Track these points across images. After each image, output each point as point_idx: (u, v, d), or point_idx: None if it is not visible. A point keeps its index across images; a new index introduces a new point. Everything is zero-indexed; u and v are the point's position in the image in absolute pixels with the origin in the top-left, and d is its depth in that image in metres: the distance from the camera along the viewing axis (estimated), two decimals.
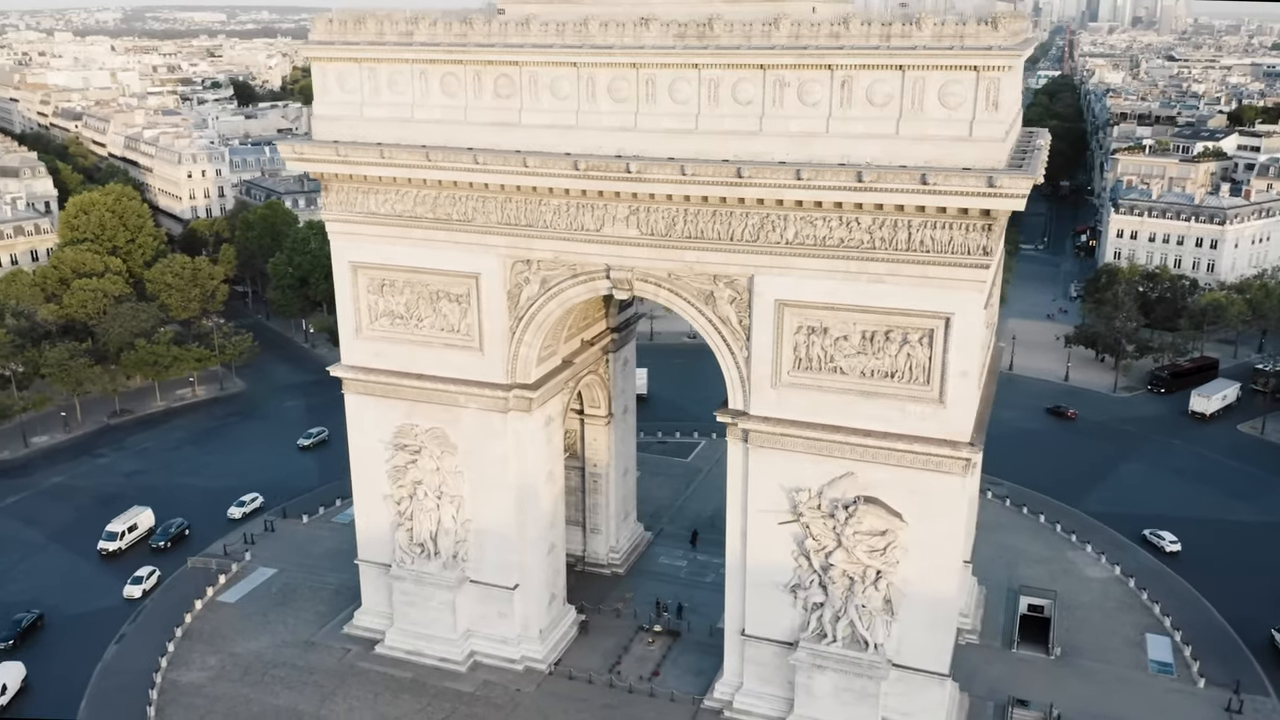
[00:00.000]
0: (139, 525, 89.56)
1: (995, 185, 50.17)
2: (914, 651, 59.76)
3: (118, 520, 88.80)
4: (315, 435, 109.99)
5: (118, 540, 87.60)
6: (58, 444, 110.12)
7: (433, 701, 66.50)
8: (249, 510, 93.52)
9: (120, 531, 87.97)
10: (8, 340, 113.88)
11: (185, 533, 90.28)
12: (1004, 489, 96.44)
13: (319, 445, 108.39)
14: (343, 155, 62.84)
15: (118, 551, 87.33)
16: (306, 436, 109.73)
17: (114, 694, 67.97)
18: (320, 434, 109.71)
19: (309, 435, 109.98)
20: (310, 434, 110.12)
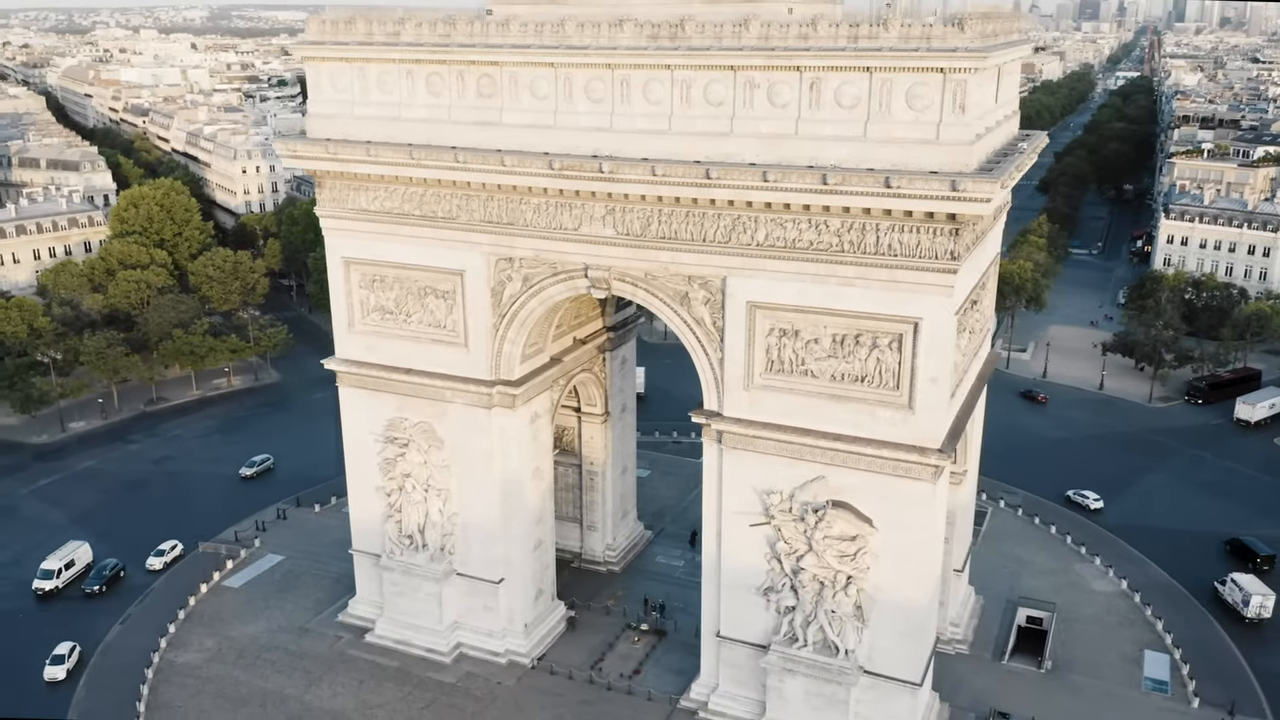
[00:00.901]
0: (76, 562, 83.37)
1: (958, 189, 49.42)
2: (886, 659, 59.15)
3: (53, 557, 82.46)
4: (259, 463, 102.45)
5: (54, 579, 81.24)
6: (94, 429, 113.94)
7: (414, 691, 67.59)
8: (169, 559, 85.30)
9: (57, 569, 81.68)
10: (51, 328, 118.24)
11: (120, 574, 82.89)
12: (1018, 498, 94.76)
13: (263, 474, 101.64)
14: (332, 153, 64.18)
15: (54, 591, 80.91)
16: (249, 465, 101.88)
17: (112, 672, 70.29)
18: (265, 461, 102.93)
19: (252, 464, 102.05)
20: (253, 462, 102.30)
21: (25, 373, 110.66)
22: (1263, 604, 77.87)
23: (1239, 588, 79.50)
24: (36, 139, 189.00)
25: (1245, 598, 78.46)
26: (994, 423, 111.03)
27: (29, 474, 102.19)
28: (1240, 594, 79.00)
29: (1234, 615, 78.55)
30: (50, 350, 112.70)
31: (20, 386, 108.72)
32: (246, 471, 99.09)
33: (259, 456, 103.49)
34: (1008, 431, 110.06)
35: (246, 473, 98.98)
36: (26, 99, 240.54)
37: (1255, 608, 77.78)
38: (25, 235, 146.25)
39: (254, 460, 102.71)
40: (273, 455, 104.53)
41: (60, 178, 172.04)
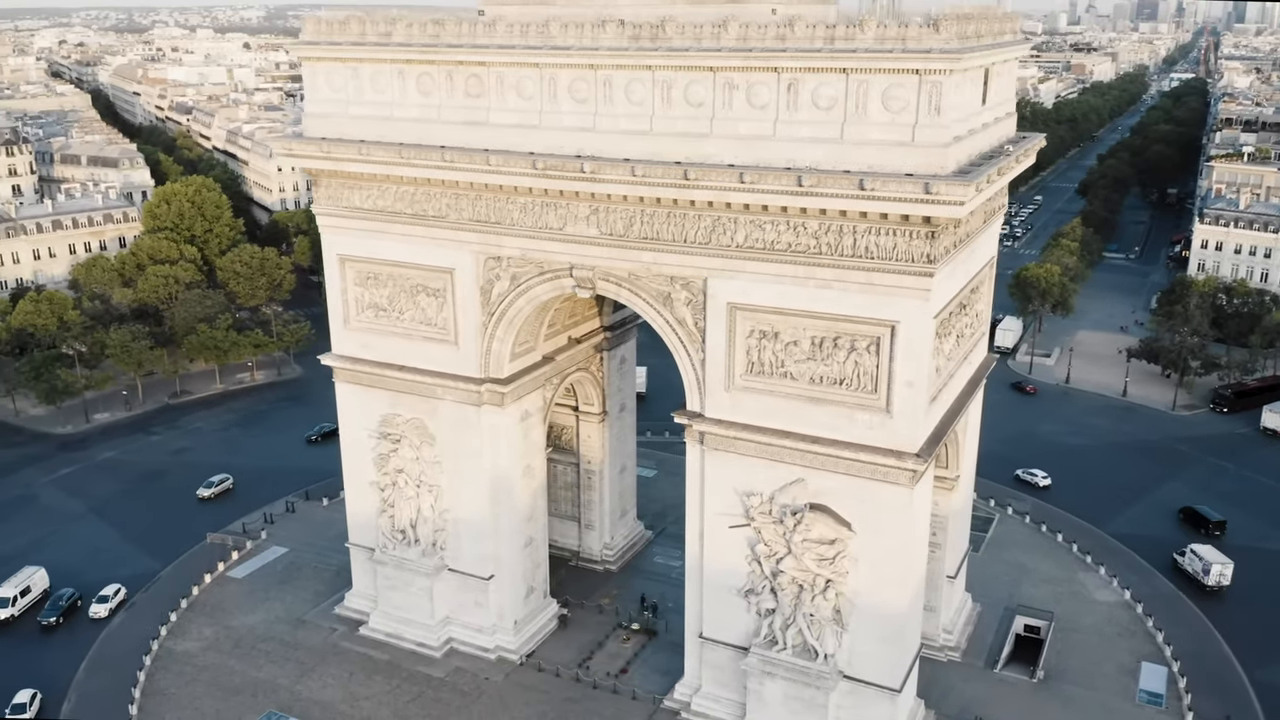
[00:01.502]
0: (32, 589, 79.96)
1: (931, 192, 48.99)
2: (865, 664, 58.78)
3: (8, 584, 79.16)
4: (217, 484, 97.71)
5: (10, 607, 77.69)
6: (118, 421, 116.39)
7: (402, 684, 68.32)
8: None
9: (12, 597, 78.17)
10: (80, 321, 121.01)
11: (78, 603, 79.05)
12: (1026, 505, 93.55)
13: (222, 494, 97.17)
14: (326, 151, 65.09)
15: (10, 620, 77.28)
16: (207, 485, 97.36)
17: (113, 659, 71.76)
18: (223, 481, 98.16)
19: (209, 484, 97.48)
20: (211, 482, 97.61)
21: (52, 365, 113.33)
22: (1222, 572, 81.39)
23: (1199, 558, 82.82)
24: (79, 136, 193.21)
25: (1205, 567, 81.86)
26: (1006, 428, 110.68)
27: (51, 463, 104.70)
28: (1200, 564, 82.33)
29: (1196, 585, 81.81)
30: (76, 343, 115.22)
31: (46, 378, 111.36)
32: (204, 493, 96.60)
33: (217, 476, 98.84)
34: (1021, 439, 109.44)
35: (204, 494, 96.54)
36: (73, 96, 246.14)
37: (1215, 576, 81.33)
38: (61, 230, 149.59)
39: (211, 481, 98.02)
40: (285, 453, 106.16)
41: (100, 174, 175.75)
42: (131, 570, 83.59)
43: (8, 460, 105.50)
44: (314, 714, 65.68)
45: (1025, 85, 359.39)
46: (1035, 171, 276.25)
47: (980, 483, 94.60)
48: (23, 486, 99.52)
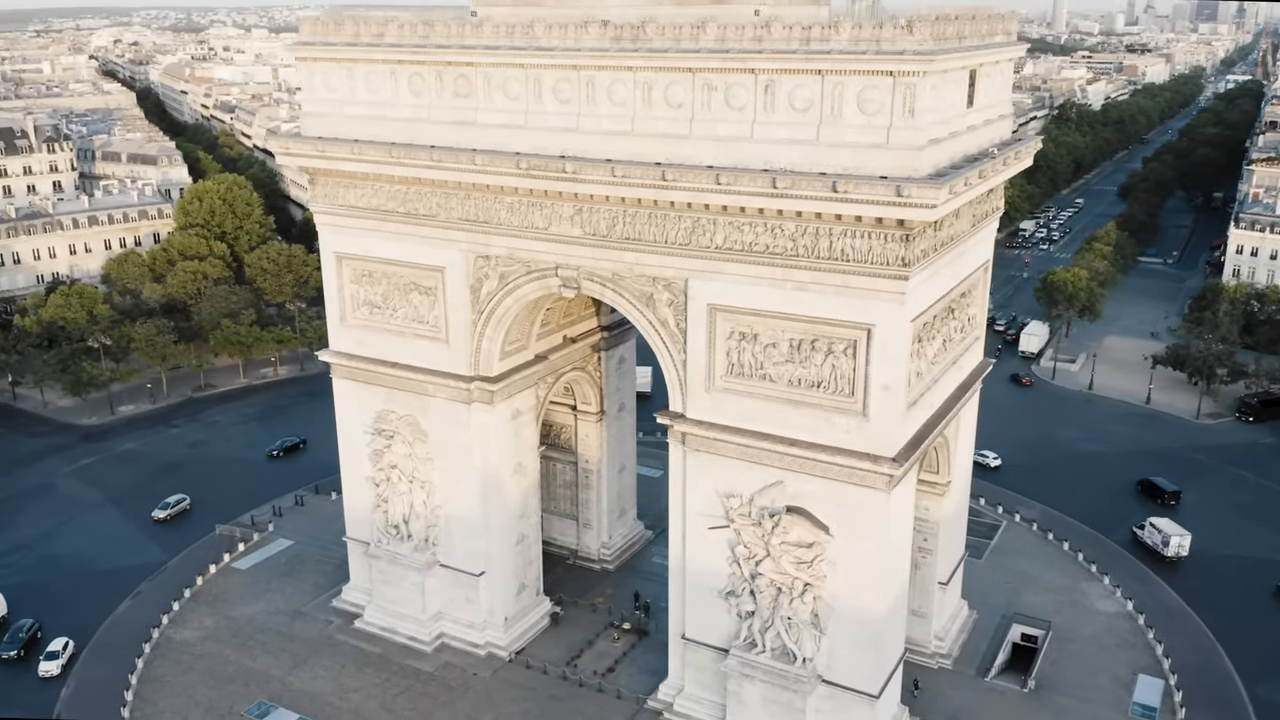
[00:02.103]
0: None
1: (902, 195, 48.60)
2: (843, 668, 58.43)
3: None
4: (173, 505, 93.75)
5: None
6: (142, 413, 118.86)
7: (391, 678, 69.09)
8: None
9: None
10: (108, 315, 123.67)
11: (38, 635, 75.62)
12: (1035, 511, 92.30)
13: (178, 516, 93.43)
14: (321, 150, 66.05)
15: None
16: (163, 507, 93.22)
17: (115, 645, 73.32)
18: (180, 503, 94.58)
19: (165, 505, 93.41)
20: (167, 504, 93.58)
21: (79, 358, 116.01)
22: (1180, 543, 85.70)
23: (1158, 530, 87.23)
24: (120, 134, 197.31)
25: (1164, 539, 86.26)
26: (1021, 434, 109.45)
27: (73, 454, 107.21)
28: (1159, 536, 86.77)
29: (1156, 556, 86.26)
30: (103, 336, 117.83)
31: (72, 370, 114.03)
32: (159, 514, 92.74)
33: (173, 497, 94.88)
34: (1036, 445, 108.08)
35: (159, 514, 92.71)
36: (119, 95, 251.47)
37: (1174, 547, 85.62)
38: (97, 226, 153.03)
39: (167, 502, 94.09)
40: (287, 447, 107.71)
41: (139, 171, 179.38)
42: (141, 560, 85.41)
43: (31, 450, 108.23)
44: (303, 705, 66.63)
45: (1073, 86, 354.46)
46: (1077, 174, 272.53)
47: (989, 489, 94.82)
48: (43, 476, 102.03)
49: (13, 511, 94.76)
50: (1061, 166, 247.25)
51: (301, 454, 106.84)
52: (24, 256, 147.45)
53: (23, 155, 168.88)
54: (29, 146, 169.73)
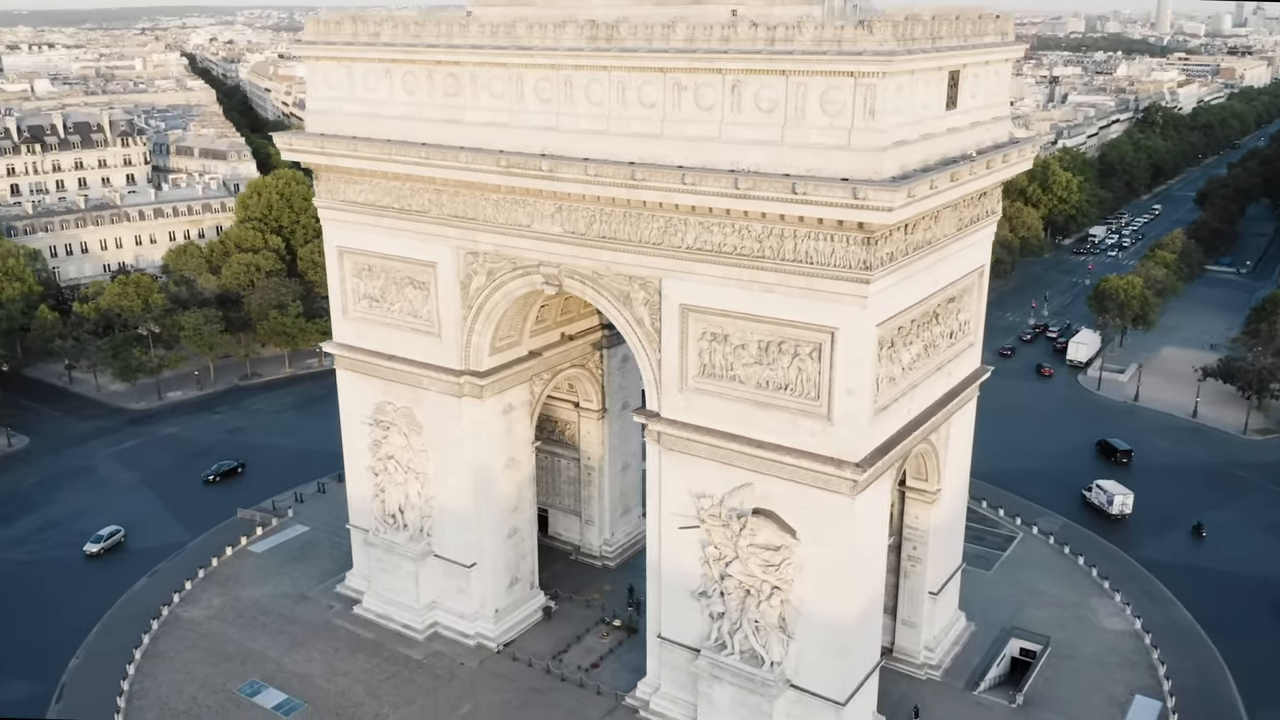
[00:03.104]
0: None
1: (859, 197, 48.06)
2: (811, 674, 57.97)
3: None
4: (106, 538, 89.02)
5: None
6: (188, 399, 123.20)
7: (381, 663, 70.56)
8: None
9: None
10: (162, 304, 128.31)
11: None
12: (1055, 523, 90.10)
13: (112, 549, 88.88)
14: (321, 147, 67.82)
15: None
16: (95, 540, 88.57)
17: (126, 620, 76.21)
18: (114, 534, 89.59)
19: (98, 539, 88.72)
20: (99, 536, 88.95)
21: (129, 344, 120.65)
22: (1124, 502, 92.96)
23: (1103, 490, 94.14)
24: (195, 129, 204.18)
25: (1109, 499, 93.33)
26: (1051, 443, 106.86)
27: (116, 437, 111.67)
28: (1105, 496, 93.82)
29: (1102, 515, 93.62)
30: (153, 324, 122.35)
31: (122, 356, 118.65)
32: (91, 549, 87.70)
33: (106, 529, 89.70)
34: (1064, 455, 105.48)
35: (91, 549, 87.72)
36: (200, 92, 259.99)
37: (1118, 506, 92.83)
38: (163, 218, 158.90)
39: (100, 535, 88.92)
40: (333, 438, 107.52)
41: (210, 166, 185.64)
42: (164, 540, 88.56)
43: (79, 432, 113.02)
44: (293, 685, 68.46)
45: (1162, 89, 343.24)
46: (1157, 179, 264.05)
47: (1008, 499, 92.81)
48: (86, 457, 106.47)
49: (52, 490, 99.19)
50: (1139, 171, 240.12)
51: (238, 479, 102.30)
52: (92, 246, 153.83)
53: (98, 149, 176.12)
54: (104, 140, 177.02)
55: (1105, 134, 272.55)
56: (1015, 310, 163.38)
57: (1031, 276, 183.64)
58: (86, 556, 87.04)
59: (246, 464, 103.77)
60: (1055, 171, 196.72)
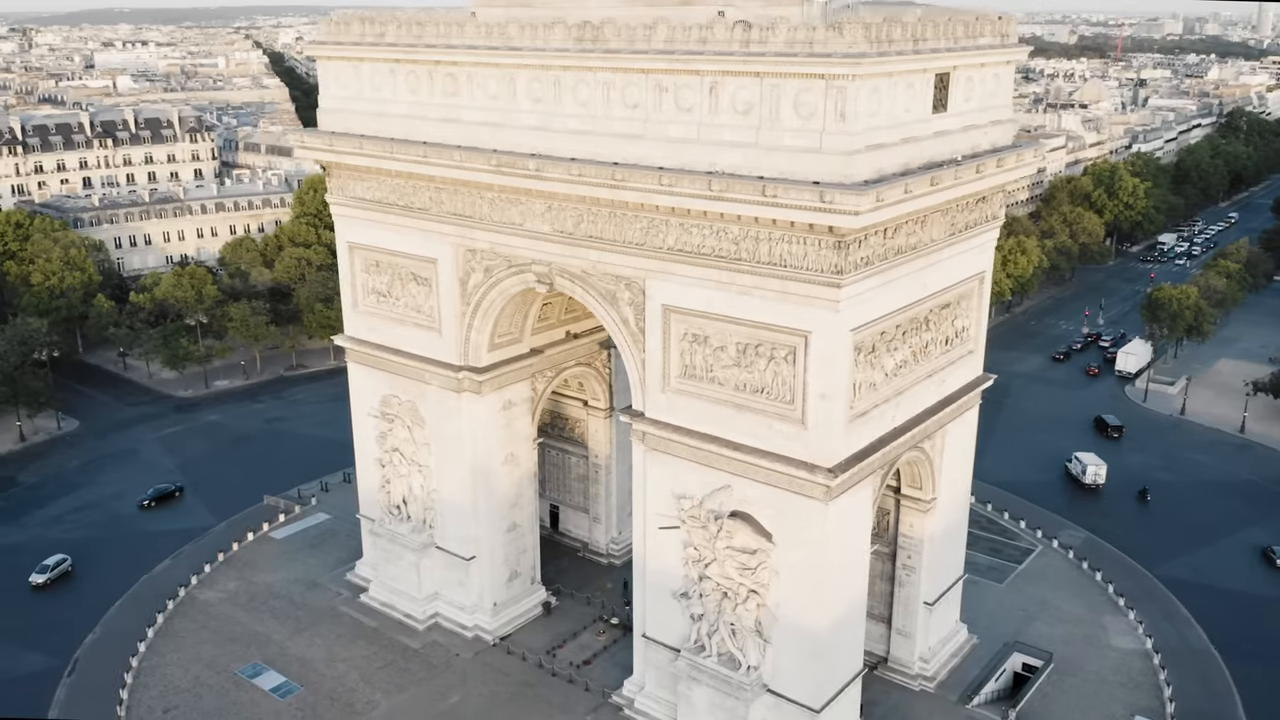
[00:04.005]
0: None
1: (825, 201, 47.70)
2: (786, 679, 57.64)
3: None
4: (52, 568, 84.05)
5: None
6: (233, 388, 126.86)
7: (379, 651, 71.97)
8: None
9: None
10: (214, 295, 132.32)
11: None
12: (1078, 537, 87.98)
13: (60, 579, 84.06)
14: (329, 144, 69.47)
15: None
16: (41, 571, 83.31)
17: (144, 599, 78.90)
18: (61, 564, 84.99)
19: (43, 569, 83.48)
20: (45, 566, 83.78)
21: (179, 334, 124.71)
22: (1096, 472, 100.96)
23: (1080, 462, 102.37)
24: (264, 126, 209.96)
25: (1083, 469, 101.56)
26: None
27: (162, 422, 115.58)
28: (1080, 466, 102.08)
29: (1079, 484, 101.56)
30: (200, 315, 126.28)
31: (170, 345, 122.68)
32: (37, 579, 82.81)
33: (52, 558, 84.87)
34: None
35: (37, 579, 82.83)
36: (275, 90, 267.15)
37: (1091, 476, 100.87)
38: (223, 212, 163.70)
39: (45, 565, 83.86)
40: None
41: (275, 162, 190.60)
42: (189, 523, 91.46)
43: (127, 417, 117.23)
44: (293, 669, 70.18)
45: (1249, 93, 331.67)
46: (1237, 186, 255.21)
47: (1030, 510, 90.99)
48: (130, 441, 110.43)
49: (95, 471, 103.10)
50: (1216, 177, 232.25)
51: (177, 503, 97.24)
52: (155, 238, 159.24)
53: (167, 144, 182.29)
54: (174, 136, 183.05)
55: (1185, 139, 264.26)
56: (1071, 318, 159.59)
57: (1092, 284, 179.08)
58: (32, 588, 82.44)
59: (184, 488, 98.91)
60: (1122, 177, 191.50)
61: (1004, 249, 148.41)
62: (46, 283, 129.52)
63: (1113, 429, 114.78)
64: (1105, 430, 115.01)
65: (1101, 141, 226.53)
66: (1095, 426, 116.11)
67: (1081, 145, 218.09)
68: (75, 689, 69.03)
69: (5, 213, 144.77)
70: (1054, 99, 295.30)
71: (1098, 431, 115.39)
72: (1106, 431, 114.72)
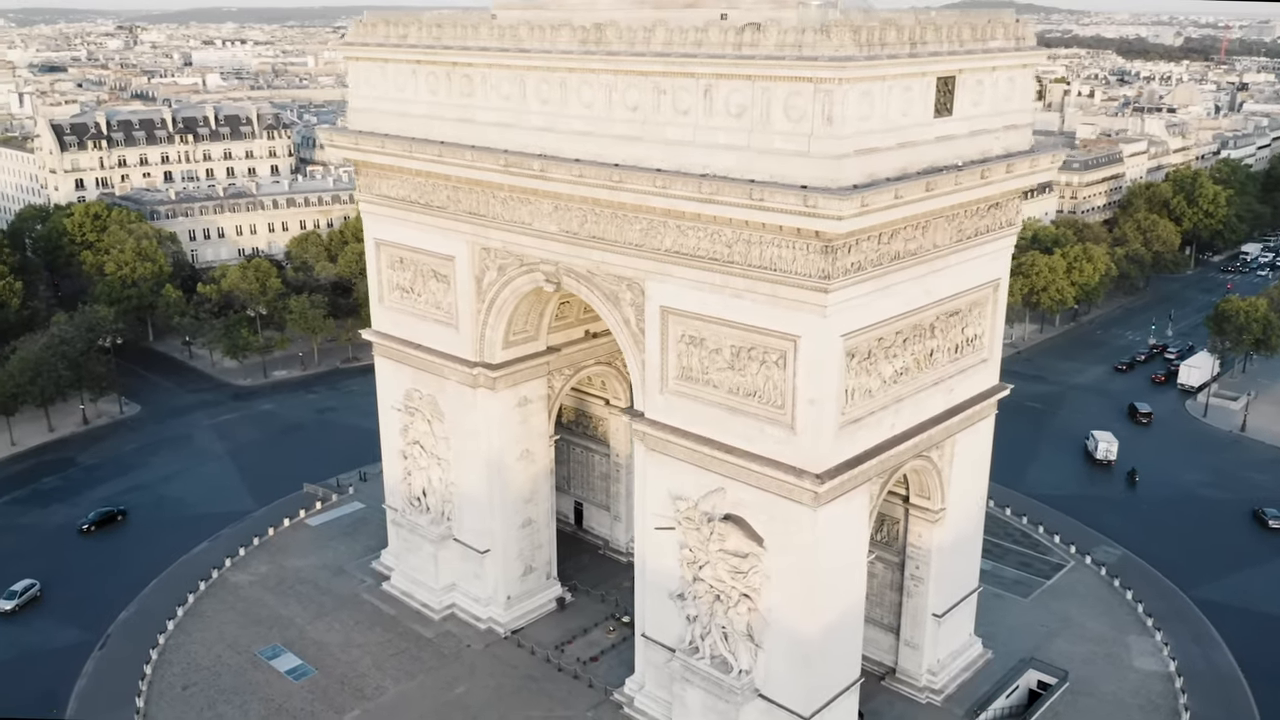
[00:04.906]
0: None
1: (808, 205, 47.47)
2: (777, 685, 57.42)
3: None
4: (21, 594, 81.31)
5: None
6: (290, 379, 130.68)
7: (394, 638, 73.59)
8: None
9: None
10: (277, 288, 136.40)
11: None
12: (1113, 555, 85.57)
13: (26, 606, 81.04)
14: (355, 143, 71.30)
15: None
16: (9, 596, 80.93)
17: (179, 580, 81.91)
18: (30, 589, 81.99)
19: (11, 595, 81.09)
20: (13, 592, 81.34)
21: (240, 324, 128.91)
22: (1108, 449, 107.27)
23: (1095, 439, 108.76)
24: (341, 123, 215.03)
25: (1096, 445, 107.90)
26: (1121, 474, 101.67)
27: (218, 410, 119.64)
28: (1094, 443, 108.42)
29: (1093, 460, 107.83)
30: (260, 307, 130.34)
31: (231, 335, 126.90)
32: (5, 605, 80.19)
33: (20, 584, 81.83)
34: (1146, 483, 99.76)
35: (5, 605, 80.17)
36: None
37: (1103, 452, 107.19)
38: (294, 207, 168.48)
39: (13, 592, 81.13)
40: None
41: None
42: (231, 508, 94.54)
43: (187, 403, 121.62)
44: (310, 652, 72.18)
45: None
46: None
47: (1065, 523, 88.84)
48: (186, 427, 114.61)
49: (149, 455, 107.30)
50: None
51: (119, 527, 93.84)
52: (228, 232, 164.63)
53: (245, 140, 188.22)
54: (252, 132, 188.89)
55: None
56: (1141, 328, 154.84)
57: (1167, 294, 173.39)
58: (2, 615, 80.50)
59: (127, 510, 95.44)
60: (1203, 184, 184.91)
61: (1069, 256, 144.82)
62: (119, 272, 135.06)
63: (1142, 415, 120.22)
64: (1134, 415, 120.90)
65: (1187, 147, 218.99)
66: (1129, 413, 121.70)
67: (1165, 150, 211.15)
68: (103, 662, 72.11)
69: (85, 205, 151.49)
70: (1145, 102, 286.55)
71: (1128, 418, 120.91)
72: (1136, 416, 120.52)
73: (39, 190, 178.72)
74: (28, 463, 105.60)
